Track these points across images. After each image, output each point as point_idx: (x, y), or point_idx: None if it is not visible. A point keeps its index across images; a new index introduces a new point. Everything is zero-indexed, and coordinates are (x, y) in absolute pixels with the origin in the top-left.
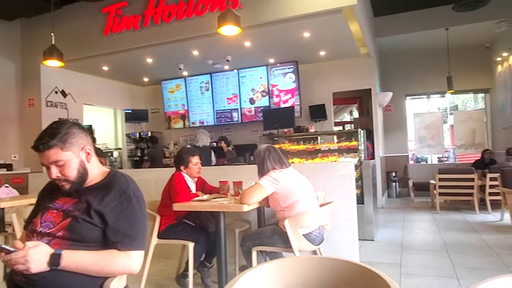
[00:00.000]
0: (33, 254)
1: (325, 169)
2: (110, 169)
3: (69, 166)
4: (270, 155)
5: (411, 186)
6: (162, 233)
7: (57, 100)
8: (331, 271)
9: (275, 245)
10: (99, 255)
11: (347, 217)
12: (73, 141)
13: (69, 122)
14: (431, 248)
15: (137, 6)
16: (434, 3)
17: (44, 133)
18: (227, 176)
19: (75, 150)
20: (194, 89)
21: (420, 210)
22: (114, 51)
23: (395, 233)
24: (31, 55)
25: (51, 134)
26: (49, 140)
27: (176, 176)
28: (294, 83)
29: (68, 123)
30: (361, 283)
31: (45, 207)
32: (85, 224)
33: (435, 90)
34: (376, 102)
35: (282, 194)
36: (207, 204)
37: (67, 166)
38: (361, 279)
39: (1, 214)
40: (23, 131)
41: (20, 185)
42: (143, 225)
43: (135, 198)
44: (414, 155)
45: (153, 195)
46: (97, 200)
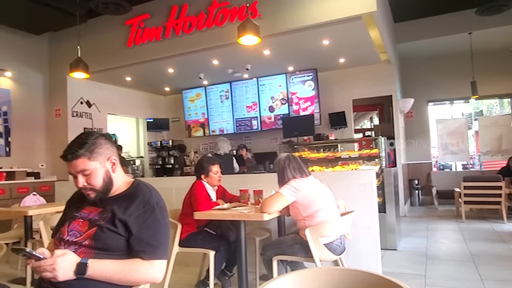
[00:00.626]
0: (60, 263)
1: (346, 177)
2: (134, 179)
3: (95, 175)
4: (290, 164)
5: (435, 194)
6: (183, 241)
7: (82, 110)
8: (353, 283)
9: (296, 254)
10: (123, 264)
11: (368, 226)
12: (100, 151)
13: (97, 133)
14: (457, 259)
15: (159, 18)
16: (456, 7)
17: (72, 143)
18: (247, 184)
19: (102, 160)
20: (214, 98)
21: (444, 219)
22: (137, 62)
23: (418, 242)
24: (58, 67)
25: (79, 144)
26: (77, 150)
27: (196, 185)
28: (314, 91)
29: (95, 134)
30: None
31: (72, 216)
32: (110, 233)
33: (459, 95)
34: (397, 108)
35: (302, 203)
36: (228, 213)
37: (94, 176)
38: None
39: (29, 222)
40: (50, 140)
41: (47, 193)
42: (166, 235)
43: (158, 208)
44: (438, 162)
45: (174, 204)
46: (121, 210)
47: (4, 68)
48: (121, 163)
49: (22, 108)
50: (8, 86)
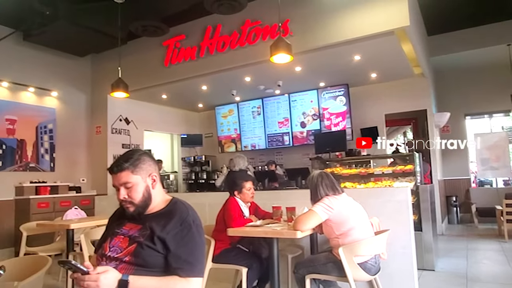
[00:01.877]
0: (103, 280)
1: (380, 194)
2: (171, 197)
3: (136, 189)
4: (323, 181)
5: (474, 211)
6: (216, 257)
7: (121, 127)
8: None
9: (329, 273)
10: (161, 281)
11: (404, 245)
12: (143, 166)
13: (142, 151)
14: (500, 281)
15: (194, 38)
16: (492, 19)
17: (120, 158)
18: (279, 200)
19: (143, 175)
20: (246, 114)
21: (485, 238)
22: (173, 80)
23: (458, 263)
24: (99, 87)
25: (125, 158)
26: (122, 163)
27: (230, 202)
28: (345, 106)
29: (140, 151)
30: None
31: (114, 233)
32: (149, 250)
33: (498, 108)
34: (432, 123)
35: (336, 221)
36: (261, 230)
37: (134, 189)
38: None
39: (71, 235)
40: (90, 156)
41: (87, 207)
42: (202, 252)
43: (194, 226)
44: (477, 178)
45: (208, 219)
46: (159, 228)
47: (51, 89)
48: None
49: (66, 126)
50: (54, 106)
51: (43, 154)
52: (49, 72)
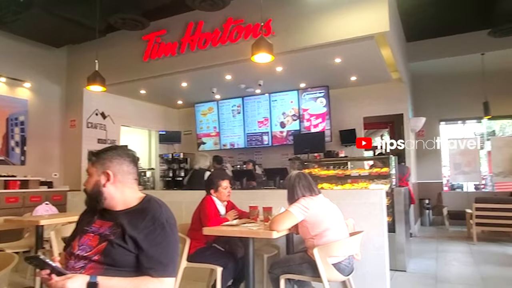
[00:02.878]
0: (70, 285)
1: (355, 196)
2: (145, 194)
3: (89, 180)
4: (300, 182)
5: (446, 214)
6: (191, 256)
7: (97, 122)
8: None
9: (303, 273)
10: (132, 281)
11: (377, 246)
12: (103, 161)
13: (119, 149)
14: (467, 282)
15: (175, 34)
16: (468, 28)
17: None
18: (256, 200)
19: (99, 169)
20: (226, 112)
21: (455, 240)
22: (152, 76)
23: (428, 264)
24: (75, 80)
25: (100, 150)
26: (93, 153)
27: (206, 200)
28: (325, 108)
29: (116, 149)
30: None
31: (83, 230)
32: (120, 249)
33: (471, 115)
34: (408, 127)
35: (311, 222)
36: (237, 229)
37: (89, 180)
38: None
39: (41, 231)
40: (64, 151)
41: (59, 202)
42: (176, 252)
43: (168, 225)
44: (449, 182)
45: (184, 218)
46: (131, 226)
47: (23, 79)
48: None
49: (38, 118)
50: (26, 97)
51: (14, 147)
52: (22, 62)
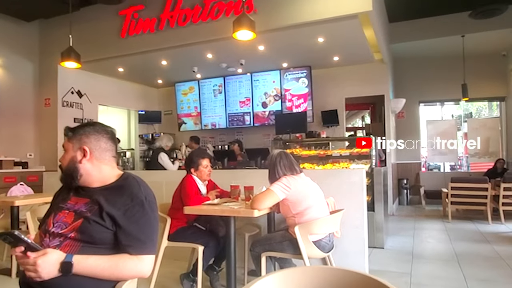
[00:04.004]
0: (42, 263)
1: (336, 175)
2: (123, 172)
3: (65, 155)
4: (281, 160)
5: (423, 194)
6: (172, 236)
7: (73, 100)
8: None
9: (284, 251)
10: (110, 260)
11: (357, 224)
12: (79, 137)
13: (97, 125)
14: (442, 258)
15: (153, 9)
16: (450, 10)
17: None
18: (237, 180)
19: (75, 145)
20: (207, 92)
21: (431, 219)
22: (129, 53)
23: (405, 241)
24: (48, 56)
25: (77, 126)
26: (69, 129)
27: (187, 179)
28: (307, 88)
29: (94, 125)
30: None
31: (58, 207)
32: (97, 226)
33: (449, 97)
34: (389, 108)
35: (293, 201)
36: (218, 208)
37: (64, 155)
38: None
39: (16, 212)
40: (39, 130)
41: (35, 183)
42: (155, 229)
43: (147, 202)
44: (427, 163)
45: (164, 197)
46: (108, 203)
47: None
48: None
49: (10, 97)
50: None
51: None
52: None
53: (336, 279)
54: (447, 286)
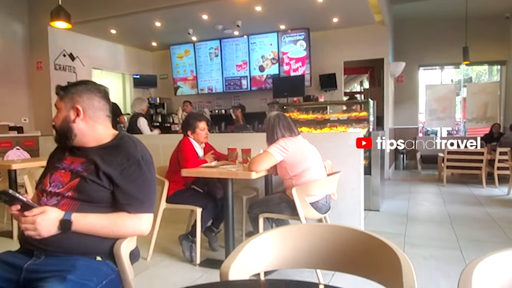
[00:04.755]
0: (41, 221)
1: (334, 138)
2: (118, 132)
3: (58, 115)
4: (280, 122)
5: (419, 158)
6: (170, 198)
7: (65, 64)
8: (337, 238)
9: (282, 212)
10: (109, 218)
11: (353, 187)
12: (71, 96)
13: (89, 84)
14: (435, 220)
15: None
16: None
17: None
18: (235, 143)
19: (68, 104)
20: (203, 55)
21: (426, 183)
22: (122, 13)
23: (400, 204)
24: (38, 16)
25: (69, 85)
26: (61, 87)
27: (184, 142)
28: (305, 51)
29: (86, 83)
30: (366, 250)
31: (54, 167)
32: (94, 185)
33: (450, 61)
34: (388, 72)
35: (290, 163)
36: (215, 171)
37: (57, 115)
38: (367, 246)
39: (13, 176)
40: (32, 94)
41: (31, 148)
42: (152, 189)
43: (143, 162)
44: (424, 128)
45: (162, 161)
46: (104, 162)
47: None
48: (117, 114)
49: (1, 60)
50: None
51: None
52: None
53: (332, 235)
54: (439, 246)
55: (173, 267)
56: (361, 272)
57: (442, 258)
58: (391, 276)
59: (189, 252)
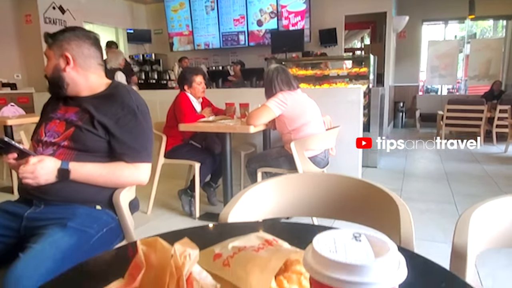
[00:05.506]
0: (40, 170)
1: (333, 94)
2: (112, 81)
3: (48, 64)
4: (278, 75)
5: (418, 117)
6: (168, 153)
7: (55, 17)
8: (337, 187)
9: (280, 166)
10: (107, 167)
11: (352, 143)
12: (59, 43)
13: (78, 30)
14: (432, 176)
15: None
16: None
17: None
18: (233, 99)
19: (57, 52)
20: (199, 9)
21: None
22: None
23: (398, 161)
24: None
25: (56, 32)
26: (49, 35)
27: (181, 97)
28: (305, 4)
29: (74, 30)
30: (365, 198)
31: (48, 117)
32: (89, 134)
33: (455, 15)
34: (390, 27)
35: (289, 117)
36: (213, 125)
37: (48, 63)
38: (366, 194)
39: (10, 132)
40: (23, 50)
41: (26, 105)
42: (149, 138)
43: (139, 112)
44: (424, 86)
45: (159, 117)
46: (99, 112)
47: None
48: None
49: None
50: None
51: None
52: None
53: (332, 184)
54: (435, 200)
55: (173, 220)
56: (360, 220)
57: (437, 211)
58: (390, 223)
59: (188, 206)
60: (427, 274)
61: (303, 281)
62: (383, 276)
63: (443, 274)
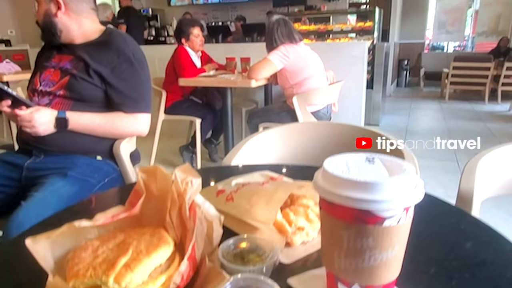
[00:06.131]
0: (38, 119)
1: (337, 48)
2: (106, 27)
3: (39, 9)
4: (279, 28)
5: (422, 75)
6: (168, 109)
7: None
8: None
9: (282, 121)
10: (106, 117)
11: (355, 100)
12: None
13: None
14: (434, 134)
15: None
16: None
17: None
18: (233, 53)
19: None
20: None
21: (428, 99)
22: None
23: (400, 120)
24: None
25: None
26: None
27: (179, 51)
28: None
29: None
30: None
31: (43, 66)
32: (85, 83)
33: None
34: None
35: (291, 71)
36: (214, 80)
37: (39, 9)
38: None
39: None
40: (16, 5)
41: (21, 62)
42: (147, 88)
43: (135, 60)
44: (430, 43)
45: (158, 72)
46: (94, 60)
47: None
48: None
49: None
50: None
51: None
52: None
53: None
54: (437, 158)
55: None
56: None
57: (439, 168)
58: None
59: (190, 162)
60: (436, 211)
61: (310, 214)
62: (396, 194)
63: (453, 211)
